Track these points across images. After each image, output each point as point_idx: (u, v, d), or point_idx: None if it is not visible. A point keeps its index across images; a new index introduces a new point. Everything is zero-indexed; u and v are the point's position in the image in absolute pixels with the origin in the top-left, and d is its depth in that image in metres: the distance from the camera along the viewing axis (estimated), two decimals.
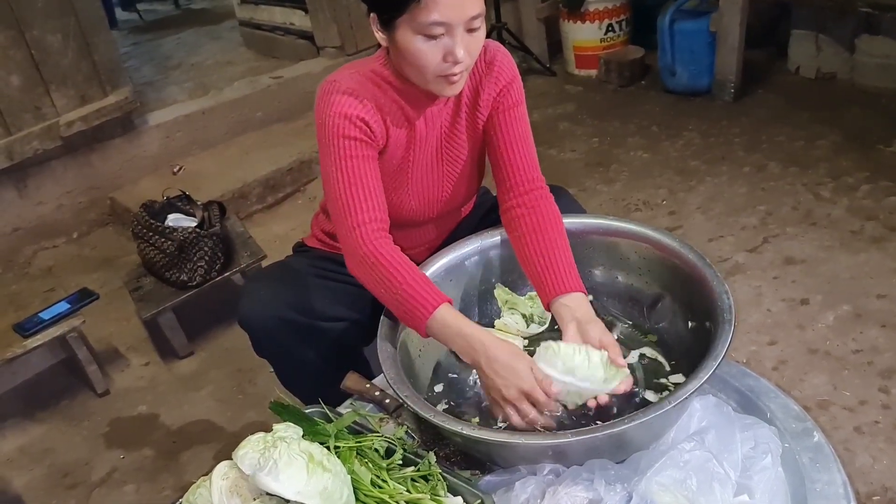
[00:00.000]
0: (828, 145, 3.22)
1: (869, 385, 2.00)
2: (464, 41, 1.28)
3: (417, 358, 1.43)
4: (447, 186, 1.59)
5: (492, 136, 1.53)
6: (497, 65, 1.49)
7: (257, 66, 4.46)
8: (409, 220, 1.61)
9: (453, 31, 1.26)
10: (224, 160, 3.63)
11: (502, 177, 1.54)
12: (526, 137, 1.53)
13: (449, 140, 1.53)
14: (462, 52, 1.28)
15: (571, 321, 1.31)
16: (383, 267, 1.34)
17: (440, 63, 1.30)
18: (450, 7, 1.24)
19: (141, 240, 2.53)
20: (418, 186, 1.56)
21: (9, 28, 3.00)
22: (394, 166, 1.51)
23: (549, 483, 1.12)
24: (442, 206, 1.62)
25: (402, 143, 1.49)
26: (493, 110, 1.52)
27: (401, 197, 1.56)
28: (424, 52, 1.29)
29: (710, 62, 3.75)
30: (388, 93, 1.43)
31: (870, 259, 2.48)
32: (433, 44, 1.28)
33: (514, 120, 1.52)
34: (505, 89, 1.50)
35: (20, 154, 3.14)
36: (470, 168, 1.60)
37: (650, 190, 3.13)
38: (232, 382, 2.44)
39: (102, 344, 2.71)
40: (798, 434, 1.21)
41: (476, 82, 1.49)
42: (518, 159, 1.51)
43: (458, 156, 1.56)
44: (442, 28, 1.26)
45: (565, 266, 1.40)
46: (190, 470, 2.12)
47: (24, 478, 2.21)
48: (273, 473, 1.03)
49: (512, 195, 1.52)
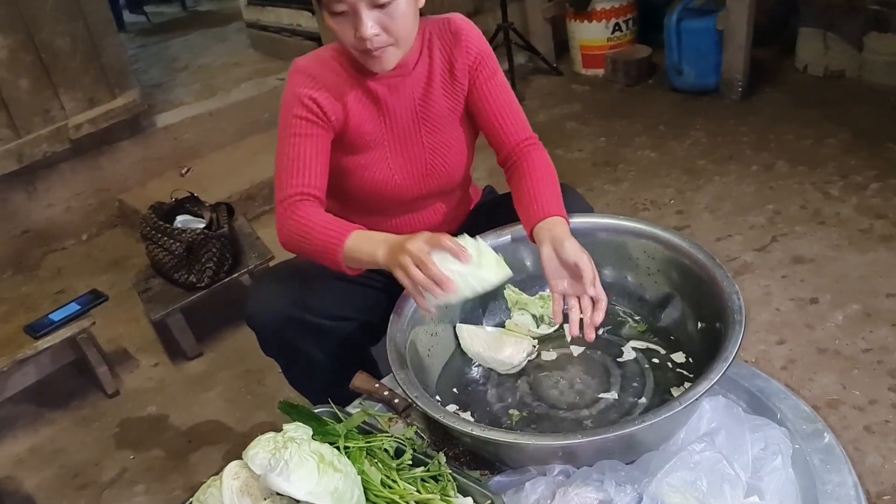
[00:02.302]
0: (836, 144, 3.21)
1: (879, 384, 2.00)
2: (373, 17, 1.31)
3: (426, 357, 1.44)
4: (432, 158, 1.59)
5: (479, 109, 1.57)
6: (464, 34, 1.53)
7: (264, 67, 4.47)
8: (399, 197, 1.61)
9: (355, 7, 1.30)
10: (232, 162, 3.65)
11: (497, 144, 1.59)
12: (510, 103, 1.58)
13: (425, 109, 1.55)
14: (369, 29, 1.31)
15: (546, 242, 1.35)
16: (302, 224, 1.39)
17: (354, 40, 1.34)
18: None
19: (149, 241, 2.54)
20: (399, 158, 1.56)
21: (18, 31, 3.02)
22: (367, 140, 1.53)
23: (560, 484, 1.12)
24: (431, 180, 1.61)
25: (370, 116, 1.51)
26: (471, 84, 1.55)
27: (383, 172, 1.56)
28: (338, 31, 1.35)
29: (718, 61, 3.74)
30: (348, 70, 1.48)
31: (879, 258, 2.47)
32: (342, 20, 1.33)
33: (496, 89, 1.56)
34: (479, 61, 1.54)
35: (29, 157, 3.16)
36: (455, 138, 1.60)
37: (657, 189, 3.13)
38: (241, 383, 2.45)
39: (112, 345, 2.72)
40: (808, 435, 1.21)
41: (448, 53, 1.53)
42: (508, 125, 1.57)
43: (438, 125, 1.57)
44: (343, 5, 1.30)
45: (547, 196, 1.44)
46: (200, 470, 2.13)
47: (35, 478, 2.23)
48: (284, 474, 1.03)
49: (508, 155, 1.58)
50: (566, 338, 1.49)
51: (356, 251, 1.34)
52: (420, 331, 1.43)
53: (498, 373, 1.46)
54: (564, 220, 1.40)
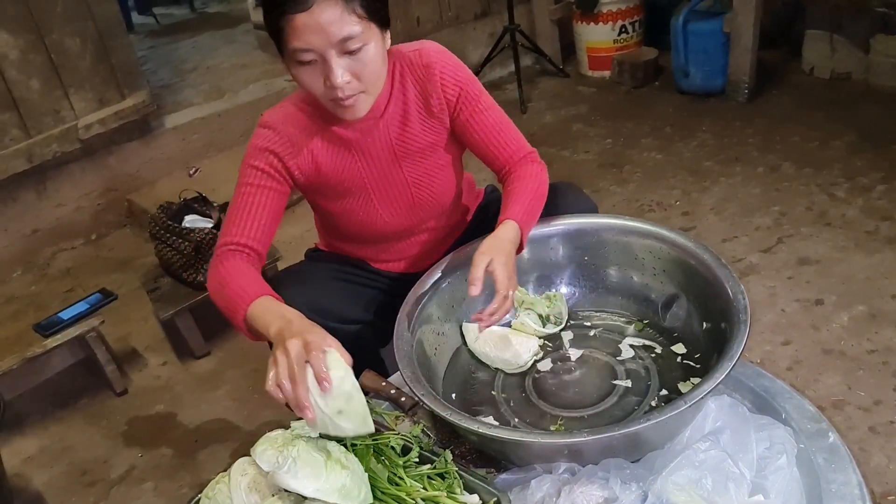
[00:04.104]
0: (842, 146, 3.21)
1: (884, 385, 2.00)
2: (343, 64, 1.26)
3: (433, 356, 1.45)
4: (417, 190, 1.56)
5: (471, 142, 1.53)
6: (437, 68, 1.46)
7: (272, 68, 4.48)
8: (390, 231, 1.61)
9: (324, 56, 1.25)
10: (239, 162, 3.64)
11: (495, 163, 1.56)
12: (501, 122, 1.53)
13: (403, 146, 1.51)
14: (340, 78, 1.26)
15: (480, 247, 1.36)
16: (222, 275, 1.35)
17: (324, 88, 1.30)
18: (310, 33, 1.22)
19: (158, 241, 2.56)
20: (383, 197, 1.54)
21: (29, 32, 3.04)
22: (346, 186, 1.51)
23: (565, 482, 1.13)
24: (420, 211, 1.59)
25: (345, 162, 1.49)
26: (456, 119, 1.50)
27: (368, 213, 1.55)
28: (305, 81, 1.31)
29: (724, 63, 3.74)
30: (314, 119, 1.45)
31: (885, 259, 2.47)
32: (310, 70, 1.28)
33: (483, 118, 1.50)
34: (459, 96, 1.48)
35: (40, 156, 3.18)
36: (439, 166, 1.56)
37: (664, 191, 3.13)
38: (248, 382, 2.47)
39: (121, 344, 2.74)
40: (813, 434, 1.21)
41: (421, 88, 1.47)
42: (503, 149, 1.53)
43: (420, 158, 1.53)
44: (311, 54, 1.25)
45: (512, 200, 1.45)
46: (207, 468, 2.15)
47: (44, 476, 2.24)
48: (292, 471, 1.04)
49: (506, 173, 1.55)
50: (564, 341, 1.50)
51: (257, 318, 1.25)
52: (427, 330, 1.44)
53: (504, 372, 1.47)
54: (510, 224, 1.40)
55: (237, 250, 1.40)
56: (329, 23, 1.21)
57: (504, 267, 1.33)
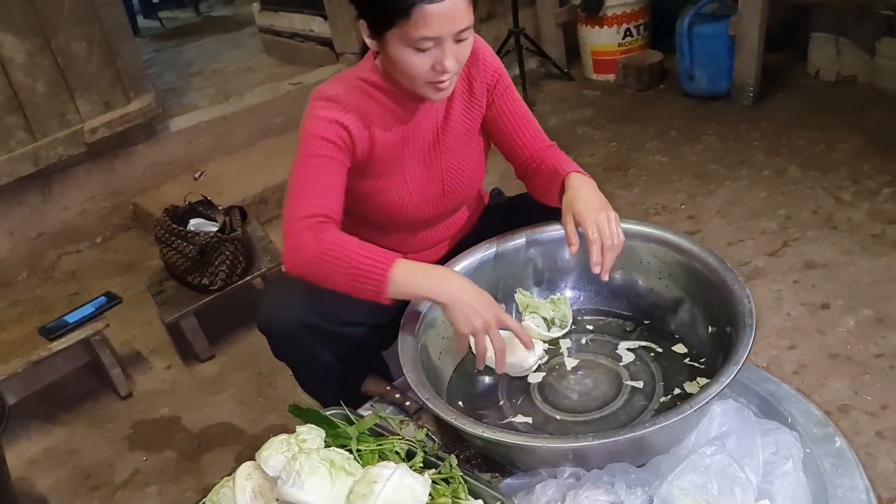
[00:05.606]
0: (848, 149, 3.20)
1: (891, 389, 1.99)
2: (452, 51, 1.31)
3: (437, 360, 1.45)
4: (450, 178, 1.59)
5: (497, 125, 1.59)
6: (481, 54, 1.53)
7: (277, 72, 4.50)
8: (415, 218, 1.61)
9: (442, 43, 1.30)
10: (245, 165, 3.66)
11: (515, 156, 1.61)
12: (526, 115, 1.60)
13: (444, 132, 1.55)
14: (451, 63, 1.32)
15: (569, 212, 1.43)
16: (334, 246, 1.34)
17: (429, 72, 1.33)
18: (440, 23, 1.26)
19: (163, 244, 2.56)
20: (417, 183, 1.56)
21: (35, 35, 3.05)
22: (388, 165, 1.52)
23: (570, 486, 1.13)
24: (448, 200, 1.62)
25: (395, 143, 1.50)
26: (489, 102, 1.57)
27: (402, 195, 1.56)
28: (414, 64, 1.32)
29: (729, 66, 3.73)
30: (376, 97, 1.46)
31: (891, 263, 2.46)
32: (422, 55, 1.31)
33: (512, 104, 1.58)
34: (496, 79, 1.56)
35: (45, 160, 3.19)
36: (471, 157, 1.61)
37: (669, 194, 3.12)
38: (253, 385, 2.47)
39: (125, 347, 2.74)
40: (819, 439, 1.21)
41: (467, 73, 1.53)
42: (527, 138, 1.59)
43: (455, 145, 1.58)
44: (431, 42, 1.29)
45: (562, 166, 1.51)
46: (211, 472, 2.14)
47: (48, 479, 2.25)
48: (297, 484, 1.05)
49: (528, 163, 1.60)
50: (567, 345, 1.50)
51: (406, 286, 1.32)
52: (432, 334, 1.44)
53: (509, 376, 1.46)
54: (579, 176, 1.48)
55: (327, 221, 1.38)
56: (458, 14, 1.28)
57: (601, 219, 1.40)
